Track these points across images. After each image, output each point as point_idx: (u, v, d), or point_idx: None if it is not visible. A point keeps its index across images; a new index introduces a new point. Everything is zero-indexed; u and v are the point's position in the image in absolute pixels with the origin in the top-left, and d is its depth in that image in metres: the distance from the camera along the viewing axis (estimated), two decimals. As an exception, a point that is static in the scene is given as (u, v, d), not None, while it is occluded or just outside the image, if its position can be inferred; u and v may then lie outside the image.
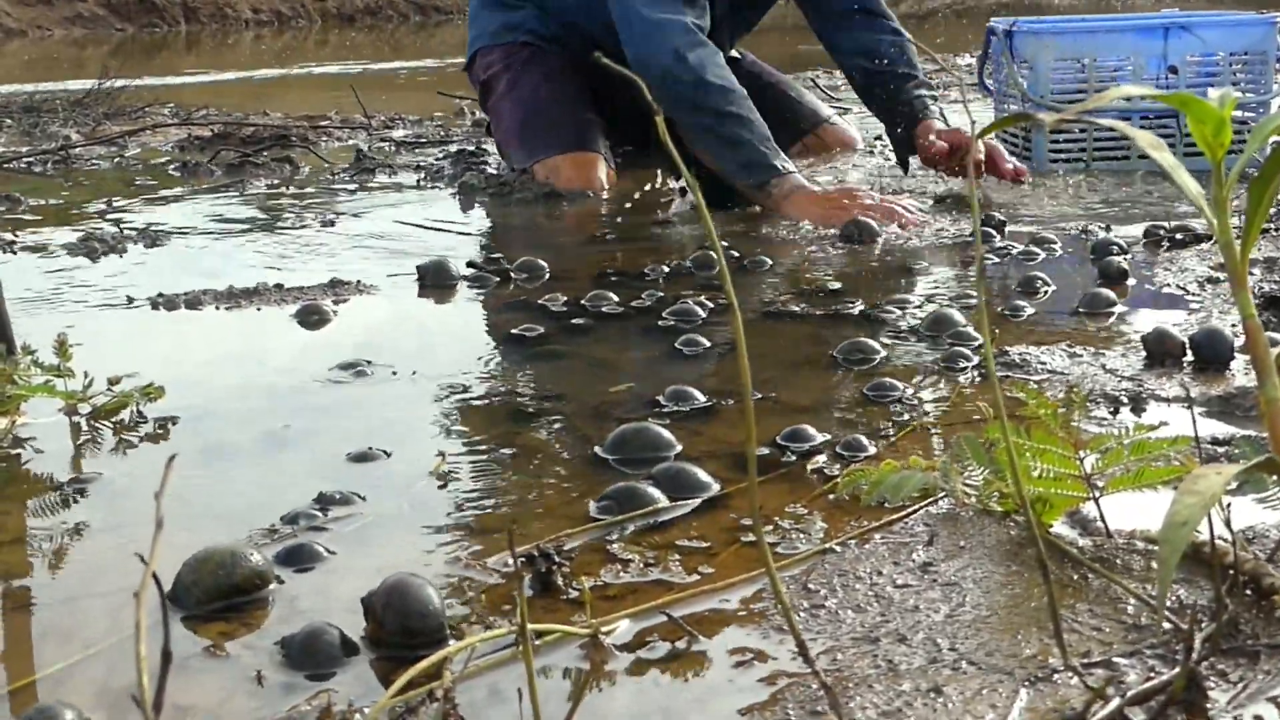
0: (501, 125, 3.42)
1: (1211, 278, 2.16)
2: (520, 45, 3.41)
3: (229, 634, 1.08)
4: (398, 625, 1.03)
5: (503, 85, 3.41)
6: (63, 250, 2.68)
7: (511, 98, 3.37)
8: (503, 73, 3.42)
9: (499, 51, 3.45)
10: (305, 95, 6.51)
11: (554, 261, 2.43)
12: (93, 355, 1.81)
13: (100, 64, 6.70)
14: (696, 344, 1.87)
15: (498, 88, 3.43)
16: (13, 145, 4.49)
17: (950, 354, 1.78)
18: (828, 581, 1.12)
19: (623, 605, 1.10)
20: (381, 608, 1.04)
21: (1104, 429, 1.45)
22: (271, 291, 2.26)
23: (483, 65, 3.49)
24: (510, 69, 3.41)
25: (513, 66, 3.41)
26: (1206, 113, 0.96)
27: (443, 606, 1.05)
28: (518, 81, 3.37)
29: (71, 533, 1.31)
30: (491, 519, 1.31)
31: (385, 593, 1.04)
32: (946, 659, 0.98)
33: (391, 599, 1.04)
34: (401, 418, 1.63)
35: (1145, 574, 1.10)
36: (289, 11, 13.66)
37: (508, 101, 3.38)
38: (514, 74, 3.39)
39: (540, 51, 3.40)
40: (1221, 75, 3.32)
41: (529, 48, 3.41)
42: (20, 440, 1.57)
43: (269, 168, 3.86)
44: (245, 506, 1.35)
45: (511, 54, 3.42)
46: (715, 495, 1.33)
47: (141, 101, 5.48)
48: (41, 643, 1.09)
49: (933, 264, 2.40)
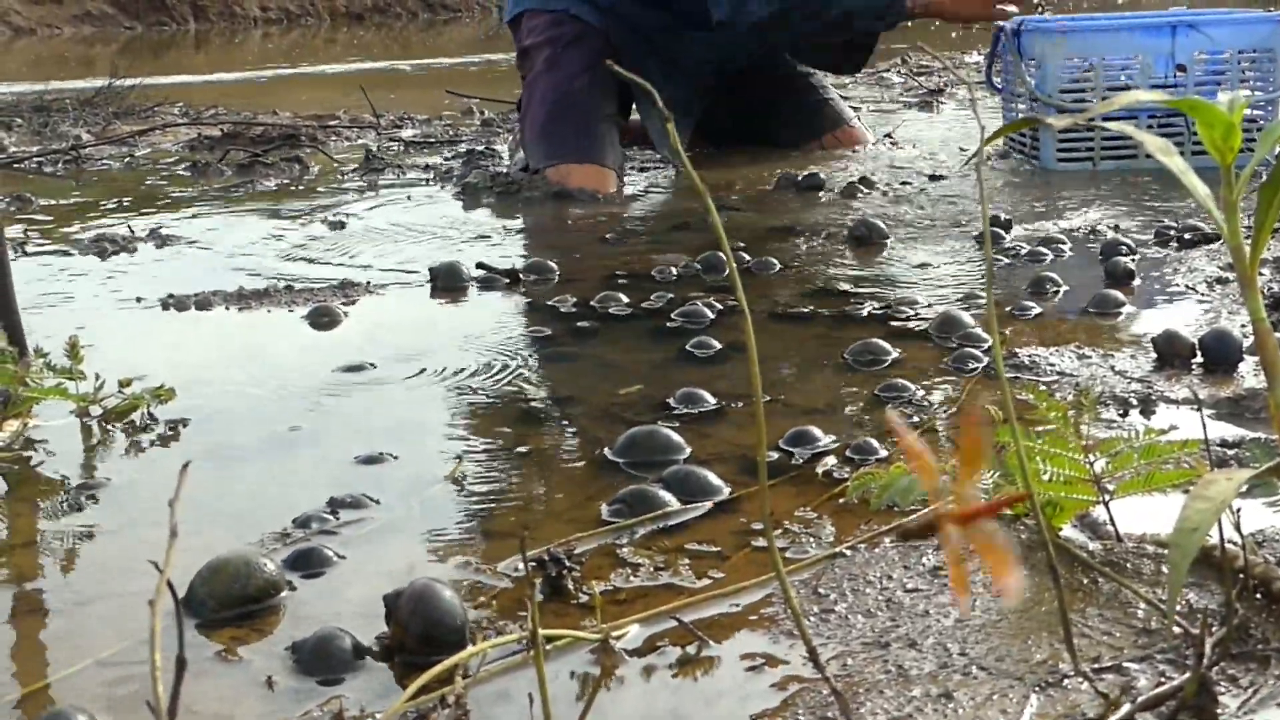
0: (529, 112, 3.41)
1: (1220, 278, 2.16)
2: (570, 16, 3.41)
3: (240, 639, 1.09)
4: (421, 631, 1.03)
5: (541, 63, 3.41)
6: (73, 250, 2.69)
7: (546, 81, 3.37)
8: (545, 45, 3.42)
9: (546, 19, 3.44)
10: (314, 94, 6.52)
11: (563, 263, 2.43)
12: (103, 356, 1.82)
13: (109, 62, 6.71)
14: (706, 346, 1.87)
15: (537, 62, 3.42)
16: (23, 145, 4.50)
17: (959, 355, 1.78)
18: (838, 586, 1.12)
19: (633, 610, 1.10)
20: (407, 613, 1.03)
21: (1114, 431, 1.45)
22: (281, 292, 2.27)
23: (527, 29, 3.49)
24: (554, 44, 3.40)
25: (556, 43, 3.40)
26: (1216, 117, 0.96)
27: (465, 613, 1.05)
28: (555, 63, 3.37)
29: (83, 536, 1.31)
30: (502, 522, 1.31)
31: (411, 598, 1.04)
32: (957, 664, 0.98)
33: (418, 605, 1.03)
34: (411, 419, 1.64)
35: (1156, 578, 1.10)
36: (297, 9, 13.67)
37: (541, 85, 3.38)
38: (554, 52, 3.39)
39: (588, 29, 3.40)
40: (1229, 73, 3.32)
41: (577, 23, 3.41)
42: (32, 442, 1.58)
43: (278, 168, 3.87)
44: (256, 509, 1.36)
45: (558, 26, 3.42)
46: (725, 499, 1.33)
47: (151, 101, 5.49)
48: (54, 647, 1.09)
49: (941, 264, 2.40)
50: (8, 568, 1.25)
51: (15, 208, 3.21)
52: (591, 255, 2.57)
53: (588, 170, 3.23)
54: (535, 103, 3.39)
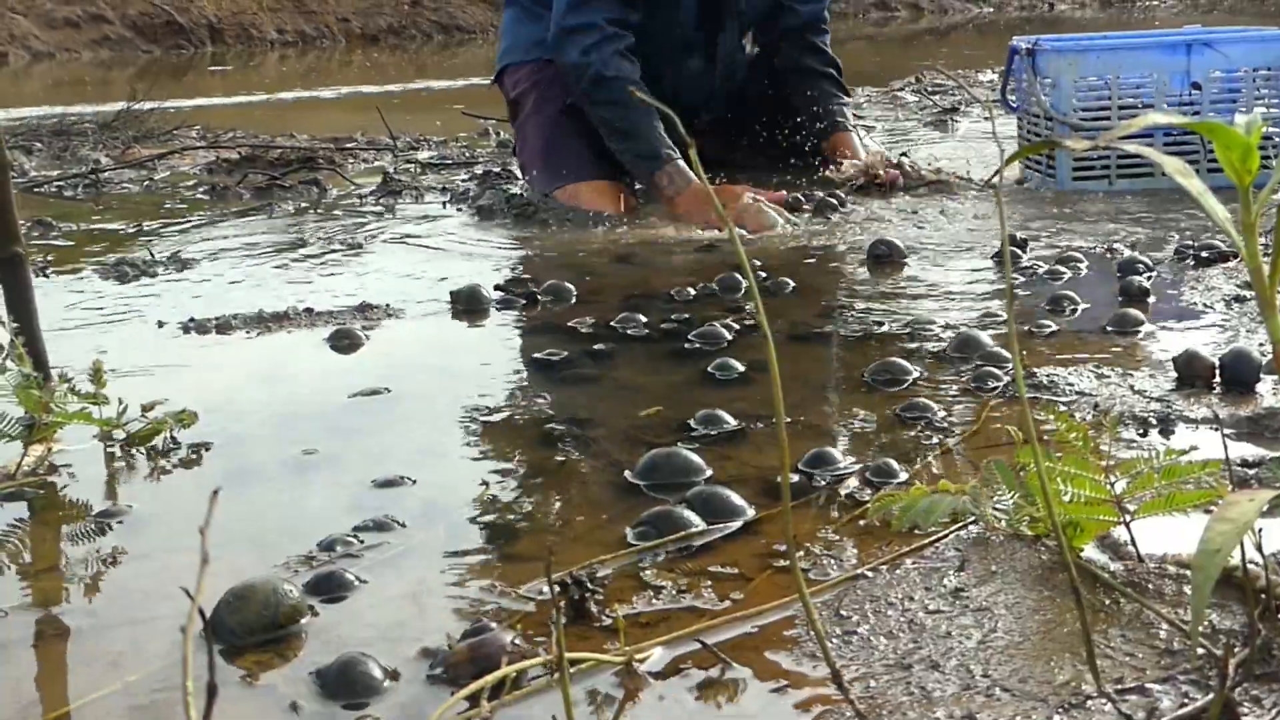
0: (526, 147, 3.47)
1: (1238, 296, 2.16)
2: (547, 63, 3.45)
3: (264, 663, 1.09)
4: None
5: (530, 105, 3.47)
6: (94, 275, 2.71)
7: (537, 119, 3.43)
8: (530, 90, 3.49)
9: (527, 69, 3.51)
10: (330, 116, 6.55)
11: (580, 284, 2.44)
12: (126, 380, 1.83)
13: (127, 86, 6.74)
14: (725, 367, 1.87)
15: (525, 106, 3.49)
16: (43, 169, 4.52)
17: (978, 375, 1.78)
18: (860, 607, 1.13)
19: (656, 632, 1.10)
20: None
21: (1133, 451, 1.45)
22: (301, 316, 2.28)
23: (511, 83, 3.57)
24: (537, 87, 3.47)
25: (540, 85, 3.47)
26: (1234, 140, 0.96)
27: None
28: (545, 102, 3.42)
29: (107, 560, 1.32)
30: (524, 545, 1.31)
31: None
32: (980, 685, 0.98)
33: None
34: (433, 443, 1.65)
35: (1178, 599, 1.10)
36: (313, 32, 13.73)
37: (533, 123, 3.43)
38: (540, 93, 3.45)
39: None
40: (1245, 91, 3.32)
41: (555, 65, 3.45)
42: (56, 467, 1.59)
43: (296, 190, 3.88)
44: (279, 532, 1.37)
45: (539, 71, 3.48)
46: (747, 521, 1.34)
47: (169, 124, 5.52)
48: (79, 671, 1.10)
49: (959, 284, 2.40)
50: (33, 592, 1.26)
51: (37, 233, 3.23)
52: (608, 276, 2.58)
53: (597, 187, 3.25)
54: (531, 137, 3.46)
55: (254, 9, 13.52)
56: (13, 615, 1.20)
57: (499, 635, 1.04)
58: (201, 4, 13.25)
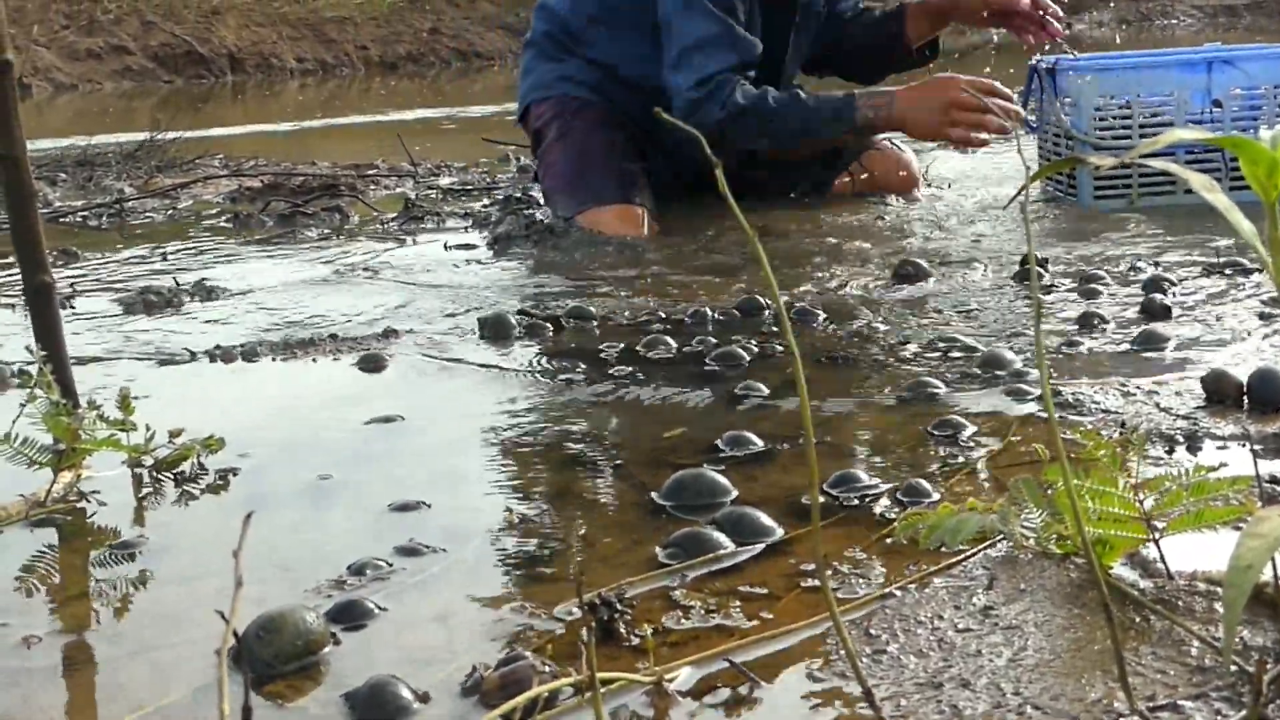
0: (549, 173, 3.47)
1: (1264, 313, 2.15)
2: (571, 97, 3.48)
3: (296, 688, 1.09)
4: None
5: (553, 132, 3.48)
6: (120, 304, 2.72)
7: (561, 146, 3.44)
8: (553, 120, 3.50)
9: (551, 103, 3.54)
10: (351, 144, 6.59)
11: (604, 308, 2.45)
12: (153, 408, 1.84)
13: (149, 116, 6.80)
14: (750, 388, 1.88)
15: (548, 135, 3.50)
16: (68, 199, 4.56)
17: (1005, 393, 1.78)
18: (889, 626, 1.12)
19: (685, 652, 1.10)
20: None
21: (1161, 468, 1.45)
22: (326, 342, 2.29)
23: (535, 115, 3.59)
24: (561, 116, 3.49)
25: (563, 114, 3.49)
26: (1260, 154, 0.96)
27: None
28: (568, 130, 3.44)
29: (136, 585, 1.33)
30: (552, 566, 1.32)
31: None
32: (1011, 704, 0.98)
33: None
34: (459, 467, 1.65)
35: (1208, 616, 1.10)
36: (333, 60, 13.81)
37: (557, 150, 3.45)
38: (564, 122, 3.47)
39: (590, 102, 3.47)
40: (1266, 108, 3.31)
41: (580, 99, 3.48)
42: (84, 494, 1.60)
43: (319, 217, 3.90)
44: (308, 557, 1.37)
45: (563, 103, 3.51)
46: (776, 541, 1.34)
47: (192, 153, 5.56)
48: (108, 697, 1.11)
49: (985, 301, 2.39)
50: (62, 618, 1.27)
51: (62, 262, 3.25)
52: (631, 299, 2.58)
53: (619, 211, 3.24)
54: (554, 164, 3.46)
55: (274, 38, 13.60)
56: (45, 640, 1.21)
57: (530, 664, 1.04)
58: (222, 34, 13.34)
